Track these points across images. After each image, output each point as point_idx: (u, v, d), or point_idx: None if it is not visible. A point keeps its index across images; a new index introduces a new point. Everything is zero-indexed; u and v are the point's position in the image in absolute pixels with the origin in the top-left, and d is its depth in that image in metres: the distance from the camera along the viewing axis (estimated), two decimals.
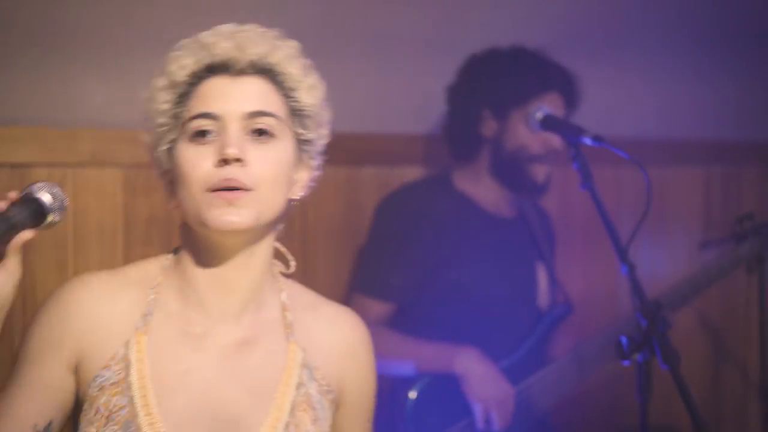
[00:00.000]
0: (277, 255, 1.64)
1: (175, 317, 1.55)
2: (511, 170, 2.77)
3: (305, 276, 2.93)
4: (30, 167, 2.49)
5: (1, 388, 1.55)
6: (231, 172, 1.47)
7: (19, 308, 2.44)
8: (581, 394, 2.93)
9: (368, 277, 2.75)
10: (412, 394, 2.68)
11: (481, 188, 2.82)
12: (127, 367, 1.52)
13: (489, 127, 2.78)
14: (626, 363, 2.01)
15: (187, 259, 1.56)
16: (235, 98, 1.51)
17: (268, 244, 1.58)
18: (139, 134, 1.60)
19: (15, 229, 1.37)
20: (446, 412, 2.68)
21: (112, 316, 1.54)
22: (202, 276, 1.55)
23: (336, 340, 1.64)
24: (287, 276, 1.66)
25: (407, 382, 2.69)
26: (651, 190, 2.14)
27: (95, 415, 1.51)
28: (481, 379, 2.65)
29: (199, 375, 1.53)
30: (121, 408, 1.50)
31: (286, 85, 1.56)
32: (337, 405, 1.63)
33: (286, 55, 1.56)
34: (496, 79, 2.77)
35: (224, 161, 1.47)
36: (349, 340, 1.65)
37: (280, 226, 1.62)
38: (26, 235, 1.39)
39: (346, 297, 2.78)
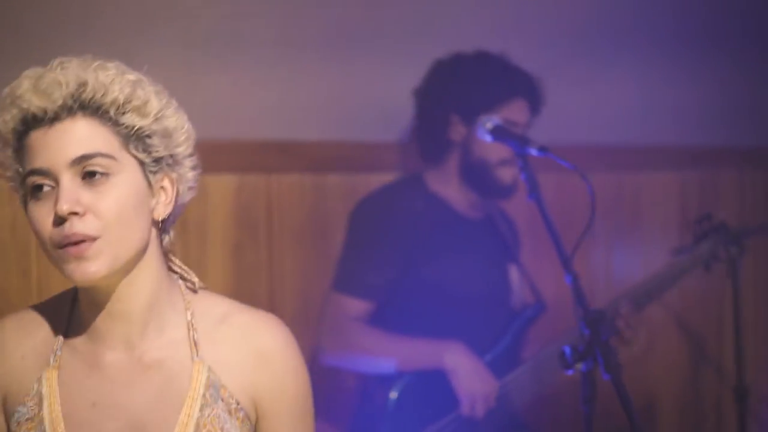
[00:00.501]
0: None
1: (80, 351, 1.57)
2: (479, 174, 2.80)
3: (272, 283, 2.95)
4: None
5: None
6: (71, 227, 1.44)
7: None
8: (552, 395, 2.93)
9: (346, 276, 2.76)
10: (393, 394, 2.69)
11: (452, 190, 2.85)
12: (40, 402, 1.54)
13: (457, 131, 2.81)
14: (570, 372, 1.99)
15: (81, 296, 1.57)
16: (56, 148, 1.45)
17: (149, 269, 1.54)
18: None
19: None
20: (428, 410, 2.69)
21: (26, 354, 1.57)
22: (93, 311, 1.55)
23: (248, 350, 1.59)
24: (199, 290, 1.63)
25: (387, 382, 2.70)
26: (595, 200, 2.15)
27: None
28: (469, 372, 2.67)
29: (107, 405, 1.54)
30: None
31: (110, 114, 1.47)
32: (255, 419, 1.61)
33: (100, 84, 1.46)
34: (464, 85, 2.80)
35: (61, 218, 1.44)
36: (264, 346, 1.60)
37: (167, 238, 1.58)
38: None
39: (324, 297, 2.78)
